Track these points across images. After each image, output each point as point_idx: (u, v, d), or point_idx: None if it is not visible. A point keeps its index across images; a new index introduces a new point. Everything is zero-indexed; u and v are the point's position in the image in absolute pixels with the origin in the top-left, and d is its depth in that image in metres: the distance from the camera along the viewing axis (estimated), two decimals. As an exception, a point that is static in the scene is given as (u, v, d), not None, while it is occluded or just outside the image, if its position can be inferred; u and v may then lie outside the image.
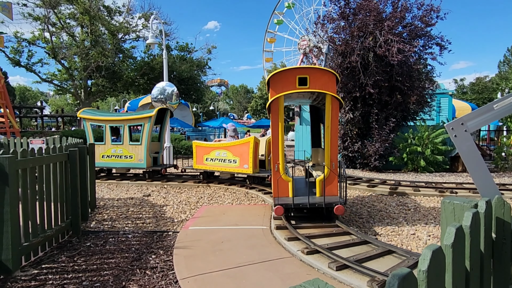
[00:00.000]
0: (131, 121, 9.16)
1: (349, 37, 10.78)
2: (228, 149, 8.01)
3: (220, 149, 8.12)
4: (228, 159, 7.97)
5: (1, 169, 3.34)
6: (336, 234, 4.46)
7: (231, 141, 8.13)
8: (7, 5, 14.99)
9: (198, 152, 8.41)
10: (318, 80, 5.10)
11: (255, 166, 7.74)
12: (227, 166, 8.00)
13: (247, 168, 7.73)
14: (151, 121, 8.79)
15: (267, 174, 7.62)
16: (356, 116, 11.13)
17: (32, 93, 68.86)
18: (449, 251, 1.09)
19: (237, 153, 7.88)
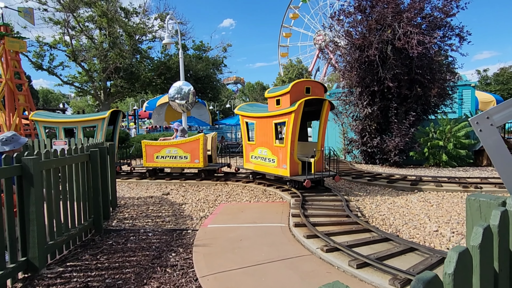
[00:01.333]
0: (85, 122, 9.76)
1: (366, 31, 10.56)
2: (179, 147, 8.76)
3: (171, 147, 8.83)
4: (179, 156, 8.74)
5: (26, 170, 3.44)
6: (356, 232, 4.39)
7: (181, 139, 8.83)
8: (29, 11, 15.45)
9: (148, 151, 8.93)
10: (317, 90, 7.11)
11: (205, 161, 8.67)
12: (179, 162, 8.77)
13: (198, 162, 8.61)
14: (105, 122, 9.53)
15: (217, 167, 8.75)
16: (374, 111, 10.93)
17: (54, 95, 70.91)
18: (476, 252, 1.04)
19: (188, 150, 8.67)
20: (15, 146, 4.23)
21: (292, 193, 6.71)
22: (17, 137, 4.28)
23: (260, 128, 7.56)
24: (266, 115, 7.30)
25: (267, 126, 7.29)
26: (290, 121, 6.67)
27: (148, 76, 22.00)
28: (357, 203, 6.27)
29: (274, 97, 7.13)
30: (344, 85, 12.26)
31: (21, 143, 4.32)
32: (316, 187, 7.18)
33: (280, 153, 7.06)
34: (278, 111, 6.97)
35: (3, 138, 4.20)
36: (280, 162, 7.09)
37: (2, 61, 13.62)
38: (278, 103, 7.03)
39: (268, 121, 7.20)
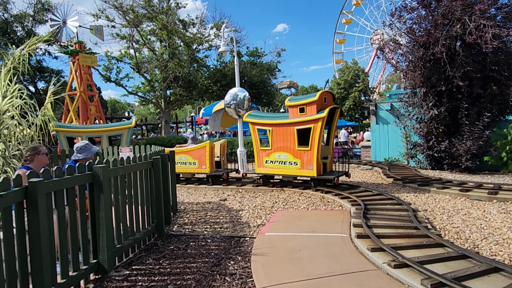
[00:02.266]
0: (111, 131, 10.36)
1: (432, 27, 9.82)
2: (189, 153, 9.44)
3: (181, 154, 9.46)
4: (188, 162, 9.42)
5: (96, 177, 3.65)
6: (427, 246, 4.00)
7: (191, 147, 9.48)
8: (99, 28, 16.90)
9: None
10: (330, 99, 7.93)
11: (212, 166, 9.24)
12: (188, 167, 9.46)
13: (205, 168, 9.20)
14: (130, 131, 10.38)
15: (223, 172, 9.30)
16: (441, 112, 10.09)
17: (121, 104, 76.71)
18: None
19: (196, 156, 9.32)
20: (87, 154, 4.55)
21: (352, 201, 6.39)
22: (90, 146, 4.61)
23: (278, 134, 8.10)
24: (288, 122, 7.90)
25: (288, 132, 7.89)
26: (317, 126, 7.42)
27: (205, 83, 22.78)
28: (426, 213, 5.77)
29: (297, 105, 7.74)
30: (406, 86, 11.52)
31: (93, 152, 4.64)
32: (379, 194, 6.78)
33: (305, 156, 7.73)
34: (304, 118, 7.62)
35: (78, 147, 4.54)
36: (304, 164, 7.76)
37: (77, 75, 15.00)
38: (302, 111, 7.65)
39: (290, 128, 7.84)
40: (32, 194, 2.82)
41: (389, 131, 13.79)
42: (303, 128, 7.64)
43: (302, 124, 7.64)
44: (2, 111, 4.54)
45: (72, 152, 4.77)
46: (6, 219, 2.64)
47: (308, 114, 7.52)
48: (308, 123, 7.54)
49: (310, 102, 7.52)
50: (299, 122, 7.67)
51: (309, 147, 7.61)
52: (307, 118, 7.52)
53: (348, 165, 8.45)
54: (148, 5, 21.25)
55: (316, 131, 7.40)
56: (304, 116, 7.58)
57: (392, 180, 8.72)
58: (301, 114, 7.64)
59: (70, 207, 3.37)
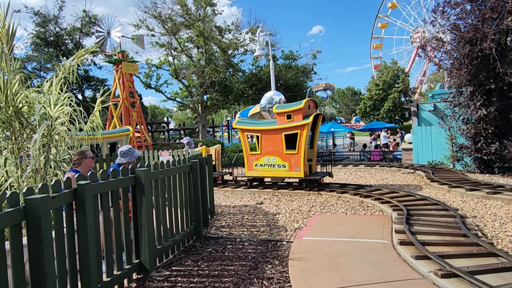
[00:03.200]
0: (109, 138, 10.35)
1: (479, 21, 9.25)
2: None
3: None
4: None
5: (138, 180, 3.79)
6: (478, 255, 3.74)
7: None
8: (140, 37, 17.68)
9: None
10: (313, 105, 8.73)
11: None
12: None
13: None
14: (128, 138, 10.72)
15: (218, 175, 9.85)
16: (491, 112, 9.44)
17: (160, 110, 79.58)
18: None
19: None
20: (130, 158, 4.74)
21: (394, 205, 6.13)
22: (133, 151, 4.80)
23: (267, 139, 8.66)
24: (276, 128, 8.49)
25: (276, 137, 8.47)
26: (303, 132, 8.09)
27: (241, 88, 23.04)
28: (475, 220, 5.41)
29: (284, 113, 8.36)
30: (451, 85, 10.91)
31: (136, 156, 4.83)
32: (423, 199, 6.47)
33: (292, 159, 8.36)
34: (291, 124, 8.23)
35: (122, 151, 4.75)
36: (292, 166, 8.37)
37: (120, 83, 15.75)
38: (289, 117, 8.27)
39: (278, 133, 8.46)
40: (81, 196, 2.98)
41: (432, 133, 13.13)
42: (291, 133, 8.28)
43: (290, 130, 8.26)
44: (54, 117, 4.85)
45: (116, 156, 4.99)
46: (57, 219, 2.81)
47: (295, 121, 8.19)
48: (295, 128, 8.18)
49: (297, 110, 8.19)
50: (287, 128, 8.29)
51: (296, 151, 8.24)
52: (294, 124, 8.16)
53: (331, 167, 9.69)
54: (186, 13, 21.92)
55: (303, 136, 8.10)
56: (291, 122, 8.22)
57: (437, 184, 8.27)
58: (288, 120, 8.28)
59: (114, 209, 3.52)
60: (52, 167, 5.22)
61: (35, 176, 5.14)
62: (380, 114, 48.23)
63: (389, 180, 9.74)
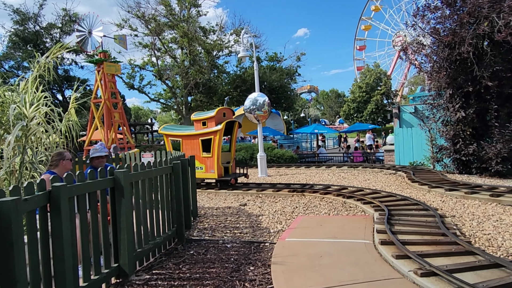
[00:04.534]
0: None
1: (457, 26, 9.50)
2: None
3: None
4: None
5: (117, 182, 3.70)
6: (456, 254, 3.81)
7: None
8: (123, 37, 17.37)
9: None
10: (229, 114, 9.84)
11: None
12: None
13: None
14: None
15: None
16: (469, 114, 9.70)
17: (144, 111, 78.50)
18: None
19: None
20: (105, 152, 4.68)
21: (376, 206, 6.21)
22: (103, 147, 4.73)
23: (187, 144, 9.54)
24: (194, 134, 9.44)
25: (194, 142, 9.39)
26: (216, 137, 9.07)
27: (225, 89, 22.98)
28: (454, 219, 5.52)
29: (200, 120, 9.39)
30: (431, 88, 11.16)
31: (106, 151, 4.75)
32: (404, 199, 6.56)
33: (208, 161, 9.25)
34: (205, 130, 9.24)
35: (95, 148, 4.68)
36: (208, 168, 9.25)
37: (102, 83, 15.45)
38: (205, 124, 9.26)
39: (196, 138, 9.40)
40: (55, 198, 2.87)
41: (413, 134, 13.40)
42: (206, 138, 9.23)
43: (205, 136, 9.24)
44: (30, 118, 4.70)
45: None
46: (30, 222, 2.70)
47: (209, 127, 9.22)
48: (209, 134, 9.17)
49: (210, 117, 9.23)
50: (202, 134, 9.28)
51: (211, 154, 9.17)
52: (208, 130, 9.19)
53: (247, 168, 10.82)
54: (170, 14, 21.72)
55: (216, 141, 9.04)
56: (206, 128, 9.25)
57: (417, 184, 8.43)
58: (203, 127, 9.28)
59: (92, 211, 3.42)
60: (28, 169, 5.06)
61: (9, 179, 4.97)
62: (364, 116, 48.96)
63: (371, 181, 9.87)
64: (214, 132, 9.03)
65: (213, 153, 9.13)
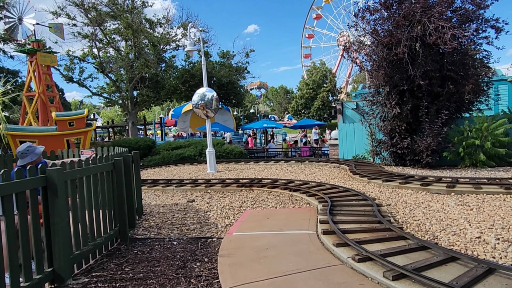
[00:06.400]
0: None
1: (394, 28, 10.16)
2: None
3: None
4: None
5: (50, 181, 3.45)
6: (389, 239, 4.11)
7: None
8: (59, 26, 16.11)
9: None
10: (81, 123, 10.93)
11: None
12: None
13: None
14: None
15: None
16: (404, 111, 10.46)
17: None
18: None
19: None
20: (32, 157, 4.25)
21: (320, 198, 6.47)
22: (33, 148, 4.31)
23: (45, 143, 9.36)
24: (58, 134, 9.83)
25: (59, 142, 9.72)
26: (87, 136, 10.19)
27: (173, 84, 22.36)
28: (389, 208, 5.94)
29: (67, 120, 9.96)
30: (370, 85, 11.85)
31: (38, 153, 4.35)
32: (346, 191, 6.91)
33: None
34: (74, 131, 9.84)
35: (19, 152, 4.23)
36: None
37: (35, 75, 14.23)
38: (71, 124, 9.91)
39: (60, 138, 9.74)
40: (-25, 200, 2.61)
41: (355, 129, 14.14)
42: (73, 138, 9.85)
43: (73, 135, 9.77)
44: None
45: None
46: None
47: (78, 127, 9.83)
48: (78, 134, 9.81)
49: (80, 118, 9.87)
50: (70, 134, 9.82)
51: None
52: (78, 130, 9.76)
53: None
54: (112, 3, 20.57)
55: (87, 141, 9.83)
56: (74, 129, 9.81)
57: (358, 176, 8.93)
58: (70, 127, 9.81)
59: (20, 213, 3.15)
60: None
61: None
62: (311, 112, 50.66)
63: (317, 174, 10.26)
64: (86, 132, 9.74)
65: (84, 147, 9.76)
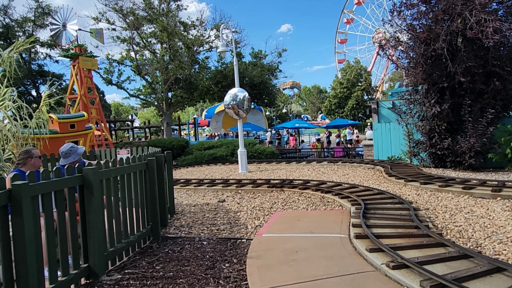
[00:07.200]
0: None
1: (432, 22, 9.68)
2: None
3: None
4: None
5: (86, 180, 3.58)
6: (427, 246, 3.88)
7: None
8: (99, 31, 16.90)
9: None
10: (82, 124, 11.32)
11: None
12: None
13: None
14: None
15: None
16: (444, 109, 9.93)
17: (124, 107, 76.96)
18: None
19: None
20: (74, 157, 4.46)
21: (353, 200, 6.27)
22: (75, 148, 4.52)
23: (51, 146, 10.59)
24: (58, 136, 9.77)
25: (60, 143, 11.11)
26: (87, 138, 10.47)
27: (206, 85, 22.72)
28: (427, 212, 5.64)
29: (68, 122, 10.22)
30: (407, 83, 11.36)
31: (80, 154, 4.55)
32: (380, 193, 6.67)
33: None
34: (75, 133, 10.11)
35: (63, 152, 4.45)
36: None
37: (77, 78, 15.00)
38: (73, 126, 10.11)
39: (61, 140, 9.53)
40: (16, 198, 2.74)
41: (391, 129, 13.63)
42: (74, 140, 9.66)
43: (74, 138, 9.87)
44: (-7, 114, 4.49)
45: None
46: (-12, 223, 2.57)
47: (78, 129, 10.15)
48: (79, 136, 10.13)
49: (81, 120, 10.24)
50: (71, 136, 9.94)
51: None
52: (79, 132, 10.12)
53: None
54: (149, 8, 21.26)
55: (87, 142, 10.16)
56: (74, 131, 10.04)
57: (394, 178, 8.58)
58: (72, 129, 10.02)
59: (58, 210, 3.29)
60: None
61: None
62: (345, 111, 49.63)
63: (350, 175, 9.99)
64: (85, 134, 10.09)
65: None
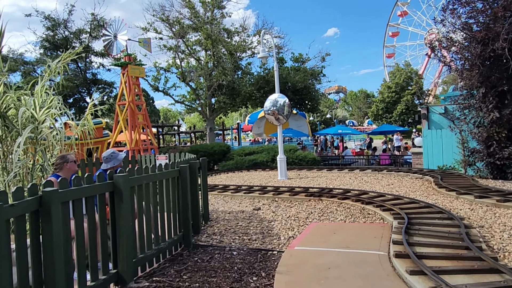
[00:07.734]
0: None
1: (490, 20, 8.84)
2: None
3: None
4: None
5: (117, 186, 3.63)
6: (479, 271, 3.43)
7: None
8: (147, 40, 17.71)
9: None
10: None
11: None
12: None
13: None
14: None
15: None
16: (504, 115, 9.00)
17: (172, 113, 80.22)
18: None
19: None
20: (114, 163, 4.59)
21: (395, 213, 5.82)
22: (116, 154, 4.65)
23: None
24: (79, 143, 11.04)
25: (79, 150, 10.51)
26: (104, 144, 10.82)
27: (248, 90, 22.86)
28: (481, 230, 5.06)
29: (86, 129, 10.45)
30: (462, 87, 10.48)
31: (120, 159, 4.67)
32: (427, 207, 6.13)
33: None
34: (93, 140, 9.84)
35: (104, 157, 4.60)
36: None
37: (126, 86, 15.79)
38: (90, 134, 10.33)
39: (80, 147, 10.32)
40: (46, 203, 2.82)
41: (443, 136, 12.68)
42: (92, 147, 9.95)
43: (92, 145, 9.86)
44: (40, 120, 4.75)
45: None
46: (19, 228, 2.66)
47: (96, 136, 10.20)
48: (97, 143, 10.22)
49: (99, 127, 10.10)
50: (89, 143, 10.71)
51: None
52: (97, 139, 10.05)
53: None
54: (194, 16, 21.91)
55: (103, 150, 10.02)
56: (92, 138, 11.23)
57: (444, 190, 7.89)
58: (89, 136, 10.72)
59: (89, 216, 3.36)
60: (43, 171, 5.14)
61: (23, 180, 5.06)
62: (393, 117, 47.43)
63: (395, 185, 9.38)
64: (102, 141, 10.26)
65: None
